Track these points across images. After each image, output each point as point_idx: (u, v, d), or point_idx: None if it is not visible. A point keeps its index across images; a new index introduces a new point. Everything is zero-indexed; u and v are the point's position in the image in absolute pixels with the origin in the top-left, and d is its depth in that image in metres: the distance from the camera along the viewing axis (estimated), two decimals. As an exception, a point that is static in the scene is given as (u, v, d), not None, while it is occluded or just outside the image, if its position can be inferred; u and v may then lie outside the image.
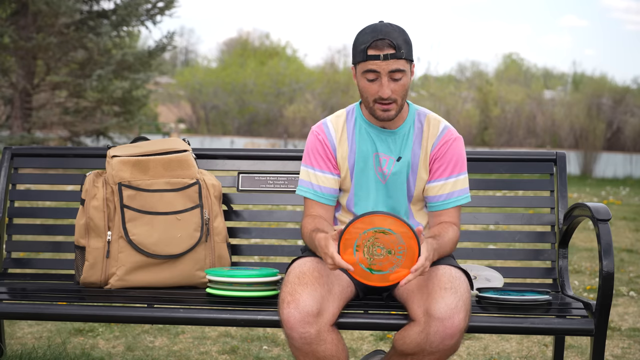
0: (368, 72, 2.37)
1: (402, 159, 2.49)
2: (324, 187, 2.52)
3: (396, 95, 2.39)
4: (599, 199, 10.98)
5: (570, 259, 5.85)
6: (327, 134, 2.54)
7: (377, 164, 2.50)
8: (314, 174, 2.52)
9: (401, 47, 2.35)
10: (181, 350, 3.46)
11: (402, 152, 2.50)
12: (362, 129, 2.53)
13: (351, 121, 2.55)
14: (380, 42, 2.35)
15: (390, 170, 2.49)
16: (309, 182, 2.53)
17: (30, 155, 3.08)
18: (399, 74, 2.36)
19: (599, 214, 2.42)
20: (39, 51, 12.56)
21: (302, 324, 2.20)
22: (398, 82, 2.38)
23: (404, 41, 2.37)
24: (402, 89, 2.39)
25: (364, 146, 2.51)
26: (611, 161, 18.67)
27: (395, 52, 2.34)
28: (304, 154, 2.57)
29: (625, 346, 3.64)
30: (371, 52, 2.36)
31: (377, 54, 2.35)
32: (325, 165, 2.52)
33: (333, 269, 2.21)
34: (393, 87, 2.38)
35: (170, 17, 14.77)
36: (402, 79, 2.38)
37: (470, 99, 22.57)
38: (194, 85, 27.47)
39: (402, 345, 2.26)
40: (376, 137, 2.51)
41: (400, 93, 2.40)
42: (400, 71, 2.36)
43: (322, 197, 2.52)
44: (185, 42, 45.65)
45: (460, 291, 2.23)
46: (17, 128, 12.83)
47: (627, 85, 23.31)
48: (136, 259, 2.72)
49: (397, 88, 2.38)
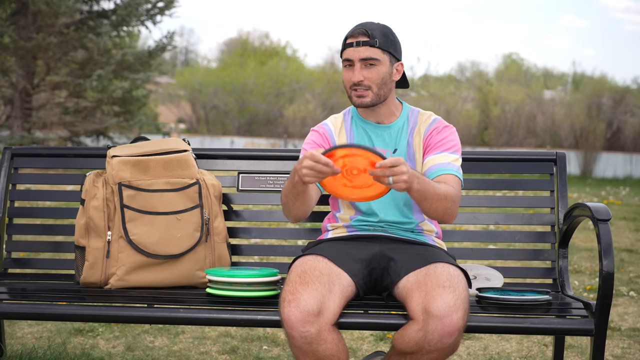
0: (345, 61, 2.51)
1: (397, 150, 2.56)
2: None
3: (369, 82, 2.49)
4: (599, 199, 10.98)
5: (570, 259, 5.85)
6: (326, 129, 2.64)
7: None
8: (310, 149, 2.56)
9: (375, 36, 2.48)
10: (181, 350, 3.46)
11: (398, 144, 2.57)
12: (358, 126, 2.61)
13: (348, 120, 2.64)
14: (356, 31, 2.49)
15: None
16: (303, 152, 2.56)
17: (30, 155, 3.08)
18: (372, 61, 2.48)
19: (599, 214, 2.42)
20: (39, 51, 12.56)
21: (303, 323, 2.20)
22: (372, 70, 2.49)
23: (382, 33, 2.49)
24: (376, 76, 2.49)
25: (360, 141, 2.58)
26: (611, 161, 18.67)
27: (368, 40, 2.47)
28: (302, 149, 2.64)
29: (625, 346, 3.64)
30: (348, 40, 2.51)
31: (351, 41, 2.49)
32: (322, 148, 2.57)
33: (310, 170, 2.18)
34: (366, 73, 2.49)
35: (170, 17, 14.76)
36: (375, 66, 2.49)
37: (470, 99, 22.58)
38: (194, 85, 27.48)
39: (401, 344, 2.26)
40: (372, 132, 2.59)
41: (375, 80, 2.49)
42: (373, 59, 2.48)
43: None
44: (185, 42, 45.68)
45: (459, 289, 2.24)
46: (17, 128, 12.83)
47: (627, 85, 23.33)
48: (136, 259, 2.72)
49: (370, 75, 2.49)
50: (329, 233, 2.65)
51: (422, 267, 2.35)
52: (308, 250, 2.52)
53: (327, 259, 2.39)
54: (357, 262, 2.44)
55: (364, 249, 2.49)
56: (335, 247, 2.49)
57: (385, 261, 2.46)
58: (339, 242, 2.55)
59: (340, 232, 2.61)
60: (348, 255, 2.44)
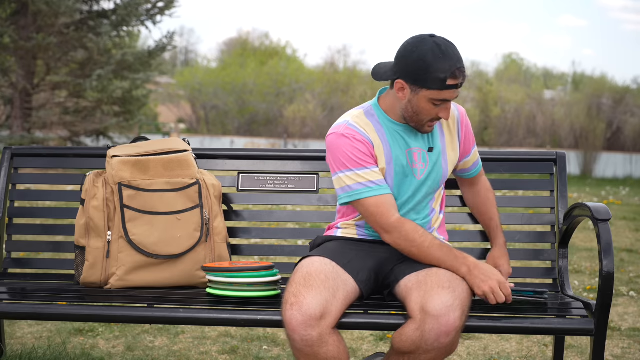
0: (439, 100, 2.37)
1: (434, 149, 2.53)
2: (382, 180, 2.43)
3: None
4: (599, 199, 10.98)
5: (570, 259, 5.84)
6: (361, 133, 2.45)
7: (411, 160, 2.49)
8: (368, 172, 2.42)
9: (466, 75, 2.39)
10: (181, 350, 3.46)
11: (433, 142, 2.53)
12: (389, 127, 2.49)
13: (374, 119, 2.50)
14: (458, 72, 2.33)
15: (427, 163, 2.51)
16: (367, 182, 2.40)
17: (30, 155, 3.08)
18: None
19: (599, 214, 2.42)
20: (39, 51, 12.56)
21: (305, 327, 2.19)
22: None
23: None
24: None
25: (395, 144, 2.48)
26: (611, 161, 18.67)
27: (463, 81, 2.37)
28: (340, 159, 2.43)
29: (625, 346, 3.64)
30: (450, 82, 2.33)
31: (455, 83, 2.34)
32: (373, 161, 2.45)
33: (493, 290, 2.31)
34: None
35: (170, 17, 14.75)
36: None
37: (470, 99, 22.58)
38: (194, 85, 27.48)
39: (399, 343, 2.26)
40: (405, 134, 2.49)
41: None
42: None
43: (387, 188, 2.43)
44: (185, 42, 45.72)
45: (458, 290, 2.24)
46: (17, 128, 12.83)
47: (627, 85, 23.33)
48: (136, 259, 2.72)
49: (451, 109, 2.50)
50: (338, 231, 2.60)
51: (424, 267, 2.36)
52: (316, 249, 2.50)
53: (334, 263, 2.37)
54: (365, 269, 2.42)
55: (374, 253, 2.48)
56: (345, 250, 2.46)
57: (392, 265, 2.46)
58: (349, 243, 2.52)
59: (350, 232, 2.58)
60: (357, 259, 2.42)
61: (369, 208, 2.40)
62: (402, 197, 2.50)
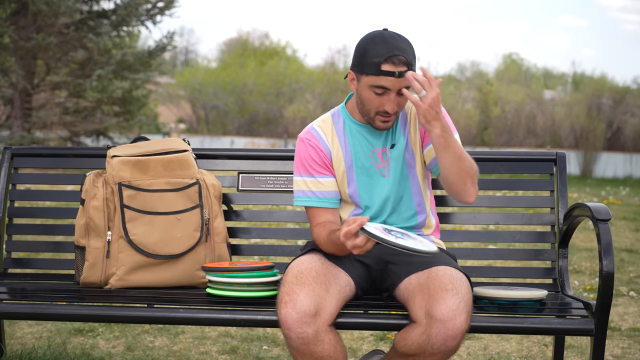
0: (377, 87, 2.34)
1: (395, 145, 2.49)
2: (326, 192, 2.49)
3: (399, 108, 2.39)
4: (599, 199, 10.98)
5: (570, 259, 5.84)
6: (318, 139, 2.51)
7: (376, 161, 2.49)
8: (313, 181, 2.49)
9: (412, 63, 2.33)
10: (181, 350, 3.46)
11: (395, 139, 2.49)
12: (352, 130, 2.51)
13: (339, 123, 2.53)
14: (396, 59, 2.30)
15: (390, 160, 2.48)
16: (308, 191, 2.49)
17: (30, 155, 3.08)
18: (405, 89, 2.33)
19: (599, 214, 2.42)
20: (39, 51, 12.56)
21: (300, 324, 2.20)
22: (402, 97, 2.36)
23: (413, 56, 2.35)
24: (405, 101, 2.39)
25: (358, 146, 2.50)
26: (611, 161, 18.68)
27: (407, 69, 2.31)
28: (296, 163, 2.52)
29: (625, 346, 3.64)
30: (385, 67, 2.30)
31: (391, 70, 2.30)
32: (325, 169, 2.49)
33: (361, 250, 2.19)
34: (398, 101, 2.37)
35: (170, 17, 14.77)
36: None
37: (470, 99, 22.59)
38: (194, 85, 27.47)
39: (403, 346, 2.26)
40: (367, 134, 2.50)
41: (403, 105, 2.40)
42: (407, 87, 2.34)
43: (328, 201, 2.49)
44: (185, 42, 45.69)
45: (462, 292, 2.23)
46: (17, 128, 12.83)
47: (627, 85, 23.33)
48: (136, 259, 2.72)
49: (402, 101, 2.38)
50: None
51: (423, 269, 2.35)
52: (306, 248, 2.51)
53: (324, 258, 2.39)
54: (356, 261, 2.44)
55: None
56: None
57: (383, 263, 2.46)
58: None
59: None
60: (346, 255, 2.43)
61: (307, 214, 2.53)
62: (377, 199, 2.50)
